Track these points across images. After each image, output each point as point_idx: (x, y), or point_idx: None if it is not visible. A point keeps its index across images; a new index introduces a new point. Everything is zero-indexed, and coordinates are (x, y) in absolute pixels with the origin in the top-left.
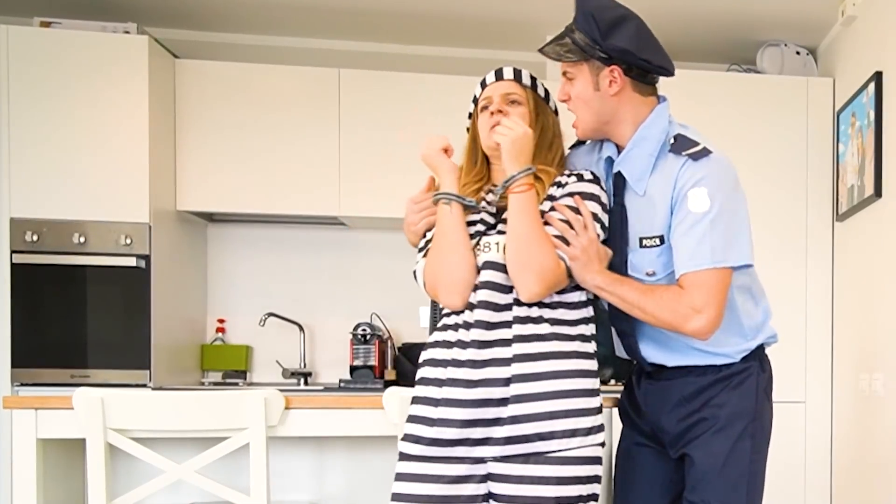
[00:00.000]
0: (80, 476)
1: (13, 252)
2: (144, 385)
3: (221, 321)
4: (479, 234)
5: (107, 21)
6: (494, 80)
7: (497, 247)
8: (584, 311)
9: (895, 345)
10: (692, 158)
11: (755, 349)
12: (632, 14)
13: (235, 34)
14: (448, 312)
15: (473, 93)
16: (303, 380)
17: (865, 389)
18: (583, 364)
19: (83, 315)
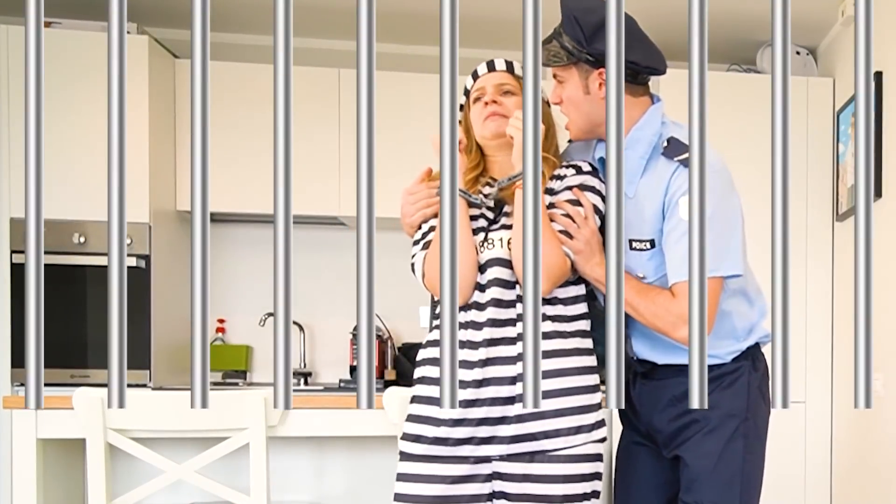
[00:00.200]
0: (80, 476)
1: (13, 252)
2: (144, 385)
3: (221, 321)
4: (482, 230)
5: (107, 21)
6: (487, 72)
7: (501, 243)
8: (581, 307)
9: (895, 345)
10: (683, 165)
11: (746, 349)
12: None
13: (235, 34)
14: None
15: (464, 84)
16: (303, 380)
17: None
18: (584, 361)
19: (83, 315)
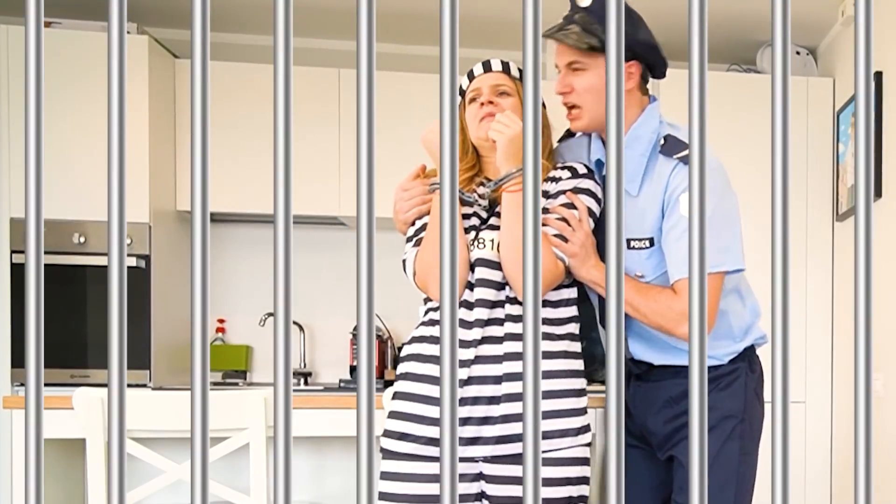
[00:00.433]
0: (80, 476)
1: (13, 252)
2: (144, 385)
3: (221, 321)
4: (473, 229)
5: (106, 21)
6: (483, 72)
7: (492, 244)
8: (571, 310)
9: (895, 345)
10: (683, 162)
11: (743, 351)
12: None
13: (235, 34)
14: (436, 307)
15: (459, 84)
16: (303, 380)
17: None
18: (571, 364)
19: (83, 315)
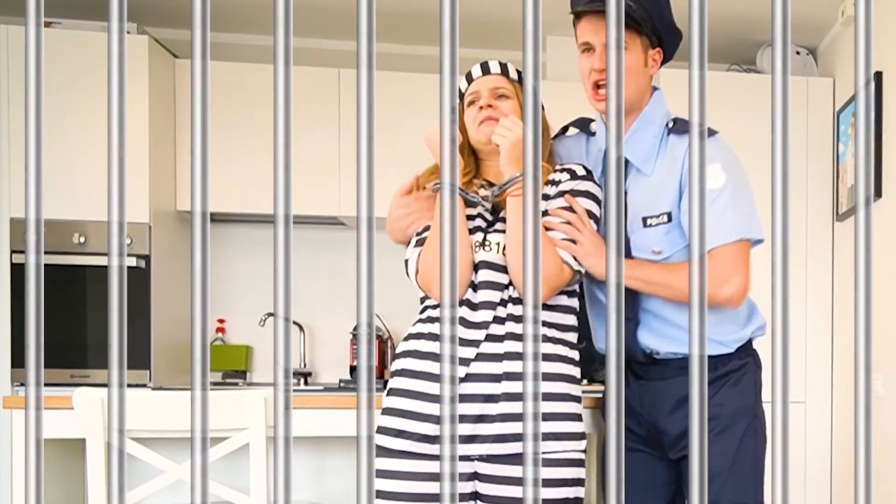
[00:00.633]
0: (80, 476)
1: (13, 252)
2: (144, 385)
3: (221, 321)
4: (478, 230)
5: (107, 21)
6: (481, 75)
7: (497, 247)
8: (570, 318)
9: (895, 345)
10: (708, 135)
11: (748, 343)
12: None
13: (235, 34)
14: (436, 304)
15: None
16: (303, 380)
17: None
18: (570, 369)
19: (83, 315)
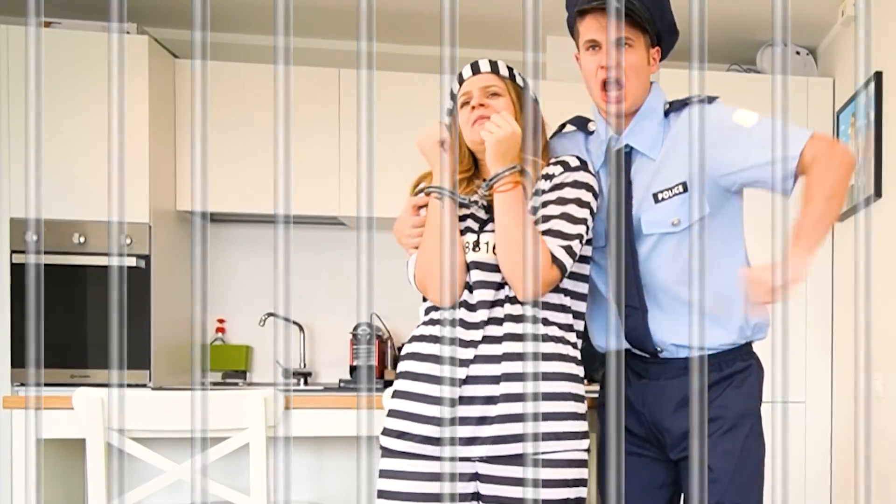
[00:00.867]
0: (80, 476)
1: (13, 252)
2: (144, 385)
3: (221, 321)
4: (470, 231)
5: (107, 21)
6: (472, 75)
7: (487, 246)
8: (568, 317)
9: (895, 345)
10: (708, 102)
11: (749, 344)
12: None
13: (235, 34)
14: (435, 307)
15: (450, 88)
16: (303, 380)
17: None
18: (572, 368)
19: (83, 315)
